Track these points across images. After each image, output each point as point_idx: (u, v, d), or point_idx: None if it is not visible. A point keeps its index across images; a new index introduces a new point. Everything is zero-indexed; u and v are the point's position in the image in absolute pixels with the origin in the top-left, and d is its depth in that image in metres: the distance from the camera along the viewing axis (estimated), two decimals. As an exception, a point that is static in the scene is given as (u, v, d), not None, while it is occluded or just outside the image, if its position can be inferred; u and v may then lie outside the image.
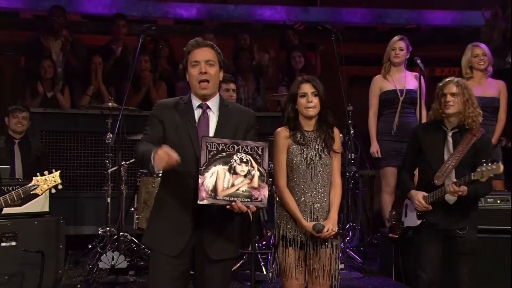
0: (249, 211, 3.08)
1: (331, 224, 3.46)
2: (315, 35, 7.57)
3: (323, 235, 3.44)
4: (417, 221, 4.16)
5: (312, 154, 3.53)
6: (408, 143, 4.41)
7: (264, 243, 5.12)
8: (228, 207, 3.06)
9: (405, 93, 5.62)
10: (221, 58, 3.31)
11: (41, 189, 3.75)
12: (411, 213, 4.23)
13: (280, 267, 3.53)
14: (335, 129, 3.62)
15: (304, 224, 3.47)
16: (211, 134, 3.19)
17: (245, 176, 3.09)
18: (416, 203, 4.09)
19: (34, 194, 3.78)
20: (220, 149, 3.07)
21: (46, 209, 5.00)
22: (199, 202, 3.04)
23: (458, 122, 4.06)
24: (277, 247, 3.56)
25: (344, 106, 5.42)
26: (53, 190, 3.81)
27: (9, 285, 4.66)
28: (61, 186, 3.81)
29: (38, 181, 3.74)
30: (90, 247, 5.43)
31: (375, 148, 5.70)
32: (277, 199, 3.60)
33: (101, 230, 5.33)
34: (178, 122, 3.21)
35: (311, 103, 3.53)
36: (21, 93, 7.18)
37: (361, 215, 6.70)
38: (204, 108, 3.25)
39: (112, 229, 5.24)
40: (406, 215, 4.30)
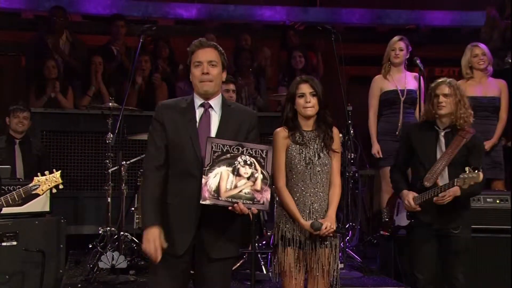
0: (250, 212, 3.10)
1: (329, 222, 3.47)
2: (315, 35, 7.57)
3: (321, 233, 3.45)
4: (407, 221, 4.19)
5: (311, 154, 3.54)
6: (400, 142, 4.43)
7: (264, 242, 5.13)
8: (230, 208, 3.08)
9: (406, 93, 5.63)
10: (224, 59, 3.32)
11: (42, 189, 3.76)
12: (402, 212, 4.26)
13: (279, 266, 3.54)
14: (334, 129, 3.63)
15: (303, 223, 3.48)
16: (212, 133, 3.21)
17: (248, 178, 3.10)
18: (406, 203, 4.11)
19: (35, 194, 3.78)
20: (224, 150, 3.09)
21: (47, 208, 5.02)
22: (201, 202, 3.06)
23: (450, 123, 4.09)
24: (276, 246, 3.57)
25: (343, 106, 5.43)
26: (54, 190, 3.82)
27: (10, 284, 4.68)
28: (62, 186, 3.81)
29: (39, 181, 3.75)
30: (90, 246, 5.42)
31: (376, 149, 5.70)
32: (277, 199, 3.61)
33: (101, 230, 5.34)
34: (179, 123, 3.23)
35: (309, 103, 3.54)
36: (22, 93, 7.19)
37: (360, 215, 6.71)
38: (206, 107, 3.27)
39: (113, 229, 5.25)
40: (398, 214, 4.33)
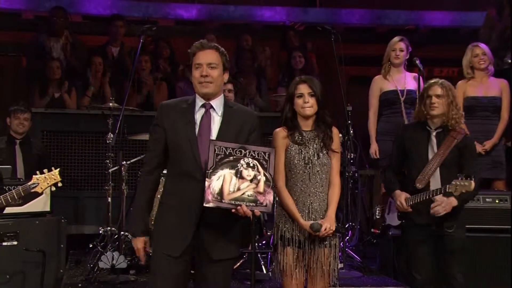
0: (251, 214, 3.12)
1: (328, 223, 3.48)
2: (315, 35, 7.58)
3: (321, 234, 3.46)
4: (397, 221, 4.20)
5: (310, 153, 3.55)
6: (393, 143, 4.45)
7: (264, 242, 5.14)
8: (233, 210, 3.10)
9: (405, 93, 5.63)
10: (226, 60, 3.32)
11: (41, 187, 3.75)
12: (393, 211, 4.27)
13: (279, 266, 3.55)
14: (334, 129, 3.64)
15: (302, 223, 3.49)
16: (213, 134, 3.22)
17: (251, 180, 3.12)
18: (398, 204, 4.13)
19: (34, 193, 3.78)
20: (227, 153, 3.11)
21: (48, 208, 5.03)
22: (205, 205, 3.07)
23: (442, 123, 4.12)
24: (276, 246, 3.59)
25: (343, 106, 5.44)
26: (53, 188, 3.81)
27: (10, 284, 4.69)
28: (60, 184, 3.80)
29: (37, 179, 3.74)
30: (91, 246, 5.44)
31: (373, 149, 5.71)
32: (276, 199, 3.61)
33: (102, 230, 5.34)
34: (178, 124, 3.25)
35: (307, 103, 3.55)
36: (22, 93, 7.19)
37: (360, 214, 6.71)
38: (207, 107, 3.28)
39: (113, 229, 5.26)
40: (389, 213, 4.35)
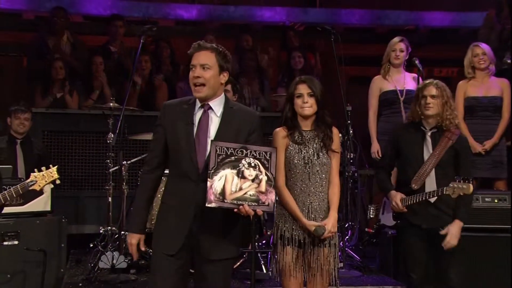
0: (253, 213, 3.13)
1: (330, 224, 3.50)
2: (315, 35, 7.59)
3: (324, 236, 3.49)
4: (392, 221, 4.21)
5: (310, 153, 3.56)
6: (387, 143, 4.46)
7: (264, 242, 5.15)
8: (235, 210, 3.10)
9: (405, 93, 5.63)
10: (225, 61, 3.29)
11: (39, 185, 3.76)
12: (388, 212, 4.28)
13: (279, 266, 3.56)
14: (334, 129, 3.65)
15: (304, 222, 3.50)
16: (211, 135, 3.23)
17: (253, 180, 3.13)
18: (393, 204, 4.15)
19: (33, 190, 3.79)
20: (229, 153, 3.11)
21: (48, 208, 5.04)
22: (207, 205, 3.08)
23: (436, 123, 4.14)
24: (276, 246, 3.59)
25: (343, 106, 5.45)
26: (51, 185, 3.83)
27: (11, 283, 4.70)
28: (58, 181, 3.81)
29: (36, 177, 3.76)
30: (91, 246, 5.46)
31: (375, 148, 5.71)
32: (276, 198, 3.63)
33: (102, 229, 5.36)
34: (178, 125, 3.26)
35: (306, 104, 3.55)
36: (23, 93, 7.20)
37: (360, 214, 6.72)
38: (206, 108, 3.28)
39: (114, 228, 5.28)
40: (383, 213, 4.35)
